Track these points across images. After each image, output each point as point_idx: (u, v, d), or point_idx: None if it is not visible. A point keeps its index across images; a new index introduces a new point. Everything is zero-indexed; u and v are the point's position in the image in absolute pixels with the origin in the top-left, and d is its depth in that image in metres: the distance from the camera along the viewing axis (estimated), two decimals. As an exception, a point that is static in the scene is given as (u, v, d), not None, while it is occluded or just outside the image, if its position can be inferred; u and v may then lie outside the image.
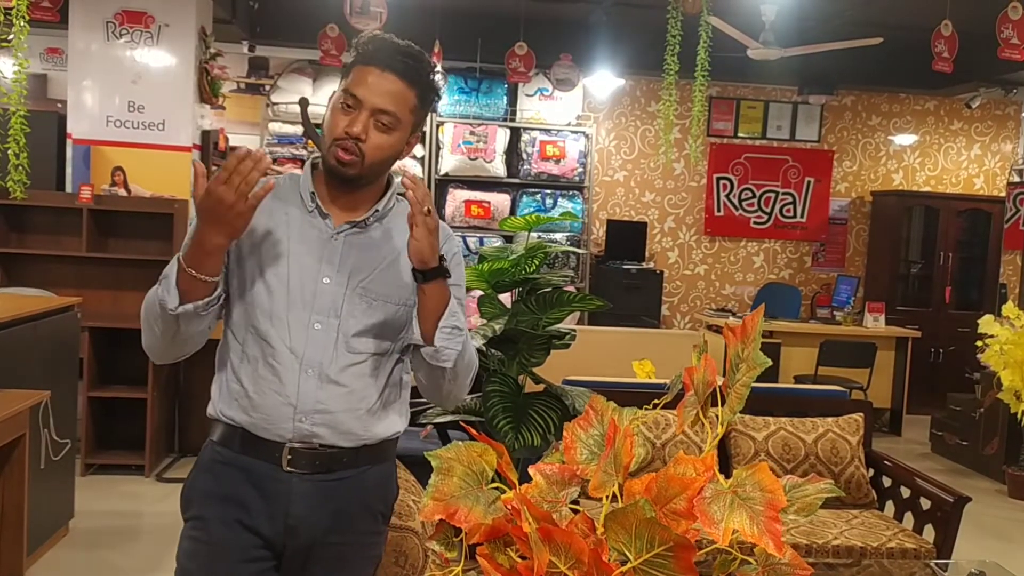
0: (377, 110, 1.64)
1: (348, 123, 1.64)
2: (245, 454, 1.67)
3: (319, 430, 1.65)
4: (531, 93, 7.56)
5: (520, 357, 2.91)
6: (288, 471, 1.65)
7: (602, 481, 0.97)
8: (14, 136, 3.41)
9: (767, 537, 0.87)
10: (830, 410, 3.78)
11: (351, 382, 1.67)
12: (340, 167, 1.65)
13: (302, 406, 1.64)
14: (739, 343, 0.95)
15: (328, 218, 1.70)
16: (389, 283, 1.70)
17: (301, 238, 1.68)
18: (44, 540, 3.72)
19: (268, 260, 1.67)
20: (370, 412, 1.69)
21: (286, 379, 1.64)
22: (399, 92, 1.66)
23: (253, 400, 1.65)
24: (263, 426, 1.65)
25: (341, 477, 1.68)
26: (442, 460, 0.95)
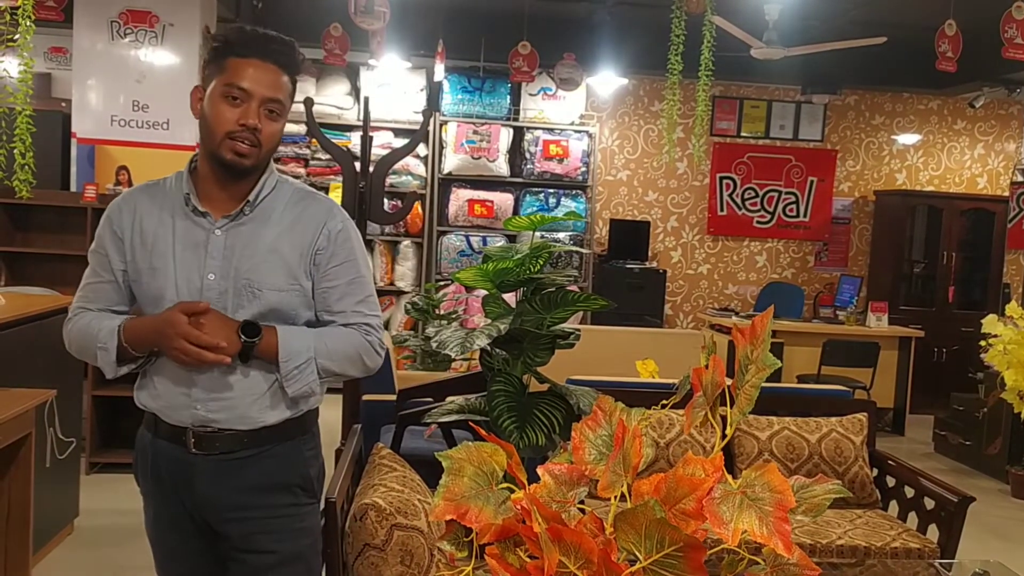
0: (267, 99, 1.69)
1: (241, 115, 1.68)
2: (159, 437, 1.81)
3: (216, 416, 1.75)
4: (534, 92, 7.57)
5: (524, 357, 2.91)
6: (194, 452, 1.77)
7: (611, 481, 0.98)
8: (20, 135, 3.42)
9: (776, 538, 0.88)
10: (834, 410, 3.77)
11: (244, 370, 1.75)
12: (239, 159, 1.69)
13: (196, 395, 1.75)
14: (748, 344, 0.96)
15: (207, 215, 1.76)
16: (272, 270, 1.75)
17: (183, 238, 1.76)
18: (49, 538, 3.73)
19: (157, 263, 1.75)
20: (265, 396, 1.77)
21: (181, 371, 1.74)
22: (280, 80, 1.72)
23: (157, 389, 1.79)
24: (166, 413, 1.78)
25: (244, 456, 1.78)
26: (453, 461, 0.95)
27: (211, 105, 1.71)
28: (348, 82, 7.34)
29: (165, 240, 1.76)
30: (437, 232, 7.47)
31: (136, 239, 1.78)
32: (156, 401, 1.80)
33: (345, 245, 1.82)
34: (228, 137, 1.68)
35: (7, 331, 3.31)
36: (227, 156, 1.70)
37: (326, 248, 1.80)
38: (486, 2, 6.78)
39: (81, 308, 1.85)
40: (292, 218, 1.79)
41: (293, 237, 1.78)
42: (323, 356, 1.78)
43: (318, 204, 1.85)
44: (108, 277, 1.82)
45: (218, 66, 1.71)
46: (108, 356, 1.76)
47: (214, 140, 1.70)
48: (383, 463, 2.35)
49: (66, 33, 5.94)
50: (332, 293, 1.82)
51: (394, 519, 2.01)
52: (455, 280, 3.11)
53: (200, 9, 5.61)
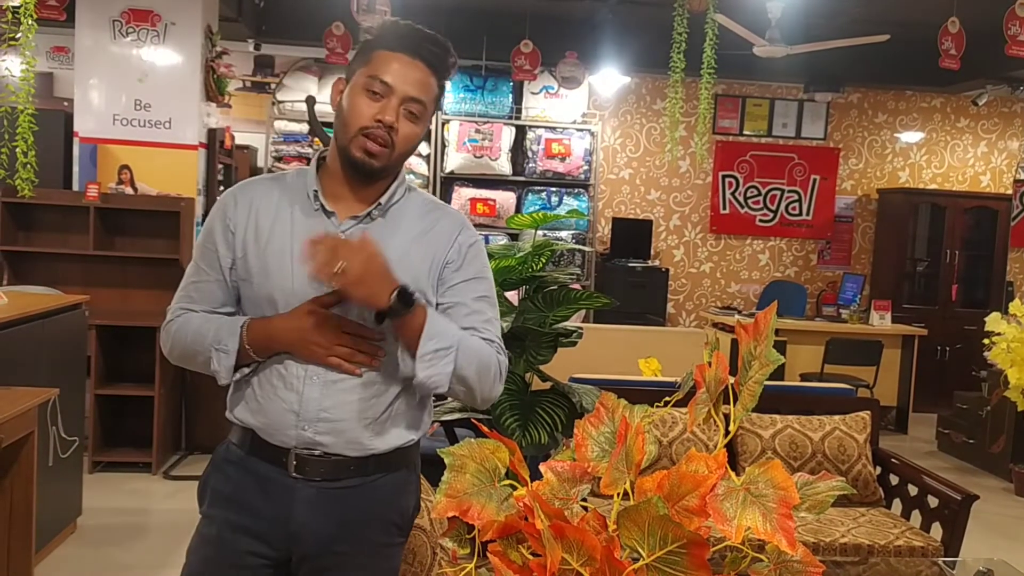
0: (408, 98, 1.56)
1: (379, 110, 1.55)
2: (254, 456, 1.63)
3: (323, 438, 1.58)
4: (537, 91, 7.56)
5: (527, 355, 2.92)
6: (295, 476, 1.60)
7: (614, 478, 0.97)
8: (22, 135, 3.42)
9: (780, 534, 0.87)
10: (837, 408, 3.77)
11: (358, 390, 1.59)
12: (368, 159, 1.57)
13: (305, 414, 1.58)
14: (751, 340, 0.95)
15: (333, 215, 1.62)
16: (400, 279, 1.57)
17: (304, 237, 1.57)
18: (52, 537, 3.73)
19: (273, 263, 1.60)
20: (378, 421, 1.61)
21: (290, 385, 1.58)
22: (427, 81, 1.59)
23: (260, 404, 1.61)
24: (267, 431, 1.61)
25: (348, 485, 1.62)
26: (455, 457, 0.95)
27: (350, 97, 1.58)
28: (350, 81, 7.34)
29: (283, 238, 1.61)
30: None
31: (250, 234, 1.62)
32: (257, 417, 1.62)
33: (476, 260, 1.68)
34: (361, 133, 1.55)
35: (10, 330, 3.32)
36: (356, 154, 1.56)
37: (455, 261, 1.65)
38: (488, 1, 6.78)
39: (184, 309, 1.67)
40: (422, 228, 1.65)
41: (423, 247, 1.63)
42: (464, 352, 1.57)
43: (450, 216, 1.71)
44: (215, 275, 1.65)
45: (364, 58, 1.59)
46: (227, 359, 1.59)
47: (347, 135, 1.57)
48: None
49: (68, 32, 5.95)
50: (459, 309, 1.64)
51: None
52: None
53: (202, 8, 5.61)
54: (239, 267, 1.63)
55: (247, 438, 1.64)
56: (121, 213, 5.24)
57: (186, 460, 5.17)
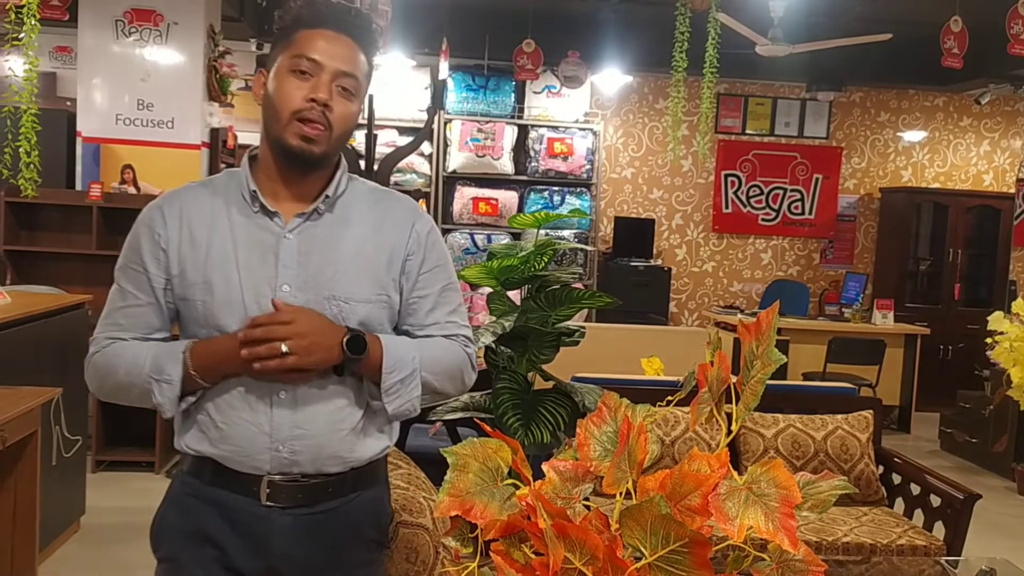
0: (340, 73, 1.45)
1: (310, 89, 1.43)
2: (218, 487, 1.48)
3: (300, 457, 1.46)
4: (539, 90, 7.56)
5: (529, 354, 2.92)
6: (268, 505, 1.47)
7: (616, 478, 0.97)
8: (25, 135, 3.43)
9: (782, 534, 0.88)
10: (839, 407, 3.77)
11: (331, 400, 1.48)
12: (307, 145, 1.44)
13: (277, 433, 1.45)
14: (754, 340, 0.96)
15: (276, 215, 1.48)
16: (357, 278, 1.50)
17: (248, 243, 1.47)
18: (56, 536, 3.74)
19: (216, 275, 1.46)
20: (355, 431, 1.51)
21: (257, 405, 1.45)
22: (356, 56, 1.48)
23: (223, 431, 1.46)
24: (235, 458, 1.46)
25: (327, 508, 1.51)
26: (458, 456, 0.95)
27: (276, 83, 1.45)
28: (352, 80, 7.34)
29: (224, 248, 1.46)
30: (442, 230, 7.46)
31: (185, 249, 1.47)
32: (221, 446, 1.47)
33: (435, 248, 1.59)
34: (295, 118, 1.42)
35: (13, 329, 3.32)
36: (293, 142, 1.43)
37: (416, 253, 1.56)
38: (490, 0, 6.78)
39: (111, 338, 1.50)
40: (375, 219, 1.54)
41: (379, 240, 1.53)
42: (427, 368, 1.52)
43: (402, 203, 1.60)
44: (146, 299, 1.49)
45: (285, 41, 1.47)
46: (171, 390, 1.44)
47: (279, 122, 1.44)
48: (388, 461, 2.35)
49: (71, 32, 5.95)
50: (423, 303, 1.57)
51: (399, 516, 2.01)
52: (460, 278, 3.11)
53: (204, 8, 5.62)
54: (177, 286, 1.49)
55: (206, 468, 1.49)
56: (124, 213, 5.24)
57: (189, 459, 5.17)
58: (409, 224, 1.56)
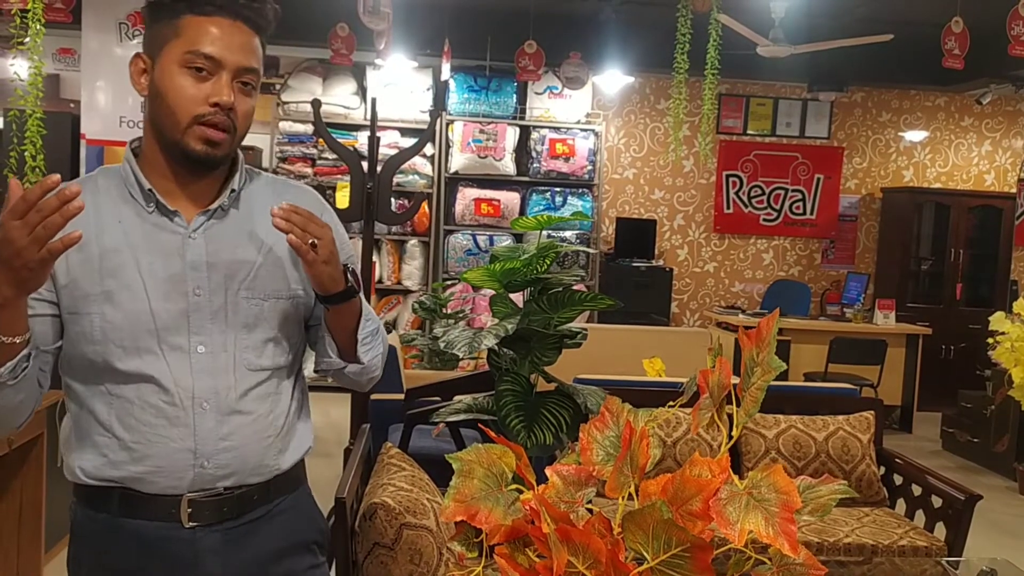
0: (241, 69, 1.32)
1: (212, 91, 1.30)
2: (129, 516, 1.35)
3: (225, 471, 1.36)
4: (541, 91, 7.58)
5: (532, 356, 2.93)
6: (191, 527, 1.35)
7: (618, 482, 0.99)
8: (30, 138, 3.45)
9: (782, 538, 0.89)
10: (840, 408, 3.78)
11: (256, 406, 1.39)
12: (211, 150, 1.32)
13: (203, 448, 1.34)
14: (754, 347, 0.97)
15: (176, 215, 1.36)
16: (272, 275, 1.41)
17: (148, 247, 1.34)
18: (61, 537, 3.75)
19: (114, 283, 1.32)
20: (280, 437, 1.42)
21: (177, 419, 1.33)
22: (253, 44, 1.35)
23: (135, 451, 1.33)
24: (151, 479, 1.33)
25: (254, 518, 1.41)
26: (463, 462, 0.97)
27: (167, 79, 1.31)
28: (355, 82, 7.36)
29: (119, 252, 1.33)
30: (444, 231, 7.49)
31: (73, 255, 1.27)
32: (130, 468, 1.33)
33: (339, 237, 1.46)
34: (197, 122, 1.30)
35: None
36: (196, 147, 1.31)
37: None
38: (492, 1, 6.79)
39: None
40: None
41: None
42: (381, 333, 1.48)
43: (305, 194, 1.51)
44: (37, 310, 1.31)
45: (171, 28, 1.31)
46: None
47: (177, 127, 1.30)
48: (392, 462, 2.36)
49: (74, 34, 5.97)
50: None
51: (403, 518, 2.03)
52: (463, 280, 3.13)
53: (207, 10, 5.64)
54: (66, 299, 1.32)
55: (111, 499, 1.35)
56: (127, 214, 5.27)
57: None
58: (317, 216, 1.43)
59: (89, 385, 1.36)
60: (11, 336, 1.21)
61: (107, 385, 1.34)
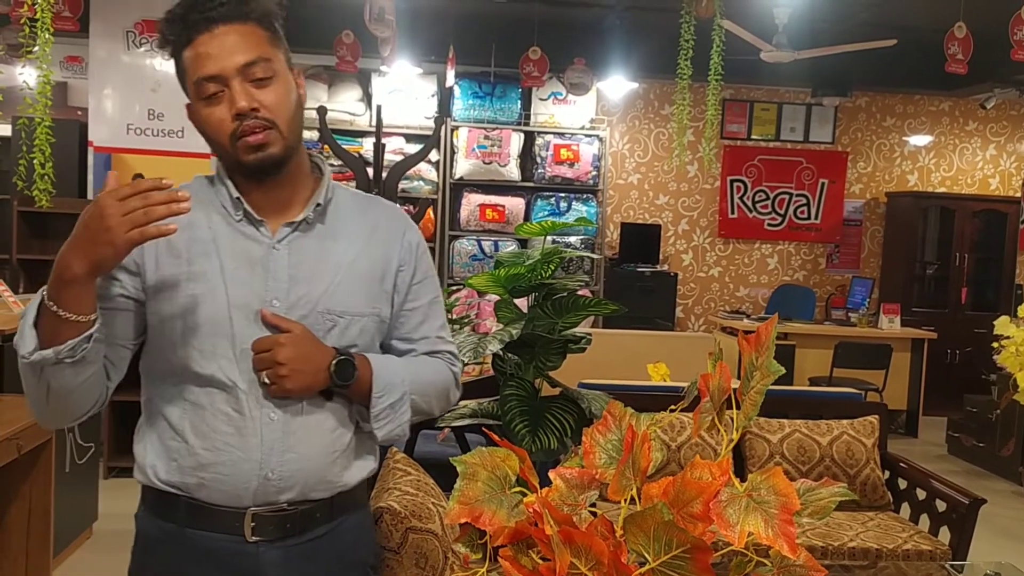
0: (241, 67, 1.32)
1: (229, 106, 1.32)
2: (194, 528, 1.37)
3: (289, 483, 1.37)
4: (545, 97, 7.59)
5: (536, 361, 2.94)
6: (254, 541, 1.36)
7: (621, 485, 1.00)
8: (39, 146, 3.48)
9: (782, 540, 0.90)
10: (845, 412, 3.79)
11: (324, 421, 1.39)
12: (260, 153, 1.33)
13: (267, 458, 1.35)
14: (753, 352, 0.99)
15: (262, 224, 1.38)
16: (352, 293, 1.41)
17: (234, 254, 1.36)
18: (69, 542, 3.78)
19: (198, 287, 1.35)
20: (346, 454, 1.42)
21: (245, 428, 1.34)
22: (246, 35, 1.33)
23: (202, 457, 1.35)
24: (219, 488, 1.35)
25: (316, 535, 1.42)
26: (467, 466, 0.98)
27: (197, 115, 1.36)
28: (360, 88, 7.39)
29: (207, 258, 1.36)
30: (449, 237, 7.50)
31: (164, 257, 1.35)
32: (200, 475, 1.35)
33: (424, 259, 1.51)
34: (234, 140, 1.33)
35: (27, 338, 3.36)
36: (248, 158, 1.34)
37: (407, 264, 1.48)
38: (496, 8, 6.82)
39: None
40: (365, 228, 1.46)
41: (371, 251, 1.45)
42: (416, 391, 1.45)
43: (390, 211, 1.52)
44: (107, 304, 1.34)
45: (181, 68, 1.36)
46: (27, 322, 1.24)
47: (225, 150, 1.36)
48: (397, 467, 2.38)
49: (82, 42, 6.01)
50: (413, 317, 1.50)
51: (409, 522, 2.04)
52: (468, 285, 3.15)
53: (214, 18, 5.68)
54: (151, 297, 1.36)
55: (178, 507, 1.38)
56: (134, 221, 5.30)
57: (199, 465, 5.21)
58: (400, 234, 1.48)
59: (165, 388, 1.39)
60: (76, 315, 1.22)
61: (183, 388, 1.37)
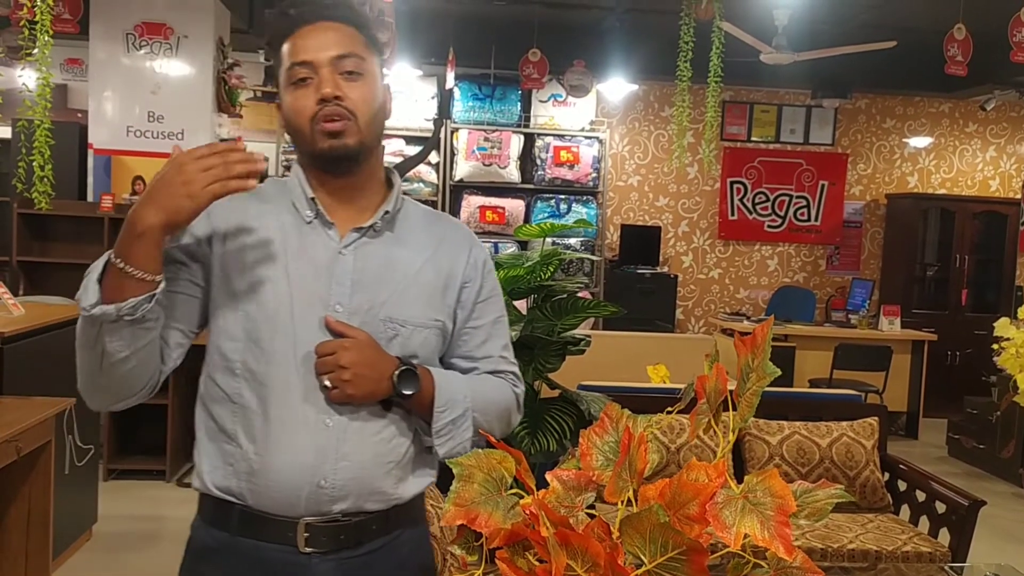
0: (335, 59, 1.34)
1: (315, 91, 1.33)
2: (247, 536, 1.34)
3: (342, 492, 1.33)
4: (545, 99, 7.60)
5: (536, 363, 2.95)
6: (307, 552, 1.33)
7: (617, 487, 1.00)
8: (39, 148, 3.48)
9: (778, 541, 0.90)
10: (845, 414, 3.79)
11: (380, 430, 1.36)
12: (337, 141, 1.33)
13: (320, 465, 1.32)
14: (749, 353, 0.99)
15: (332, 227, 1.38)
16: (416, 303, 1.39)
17: (301, 255, 1.36)
18: (68, 544, 3.78)
19: (263, 285, 1.34)
20: (401, 465, 1.38)
21: (300, 433, 1.32)
22: (344, 36, 1.36)
23: (254, 462, 1.32)
24: (271, 495, 1.32)
25: (372, 549, 1.37)
26: (463, 467, 0.98)
27: (284, 102, 1.37)
28: (360, 90, 7.39)
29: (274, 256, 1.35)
30: (449, 238, 7.51)
31: (232, 250, 1.35)
32: (254, 479, 1.32)
33: (490, 277, 1.49)
34: (314, 124, 1.33)
35: (27, 340, 3.37)
36: (323, 145, 1.33)
37: (473, 281, 1.46)
38: (496, 10, 6.82)
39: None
40: (432, 241, 1.44)
41: (436, 263, 1.43)
42: (479, 409, 1.41)
43: (457, 227, 1.52)
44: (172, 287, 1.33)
45: (278, 59, 1.39)
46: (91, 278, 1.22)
47: (304, 136, 1.35)
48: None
49: (82, 45, 6.02)
50: (476, 335, 1.47)
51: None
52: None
53: (214, 20, 5.68)
54: (215, 289, 1.36)
55: (233, 514, 1.35)
56: (134, 223, 5.30)
57: (199, 468, 5.22)
58: (466, 250, 1.47)
59: (221, 390, 1.36)
60: (143, 271, 1.21)
61: (239, 390, 1.34)
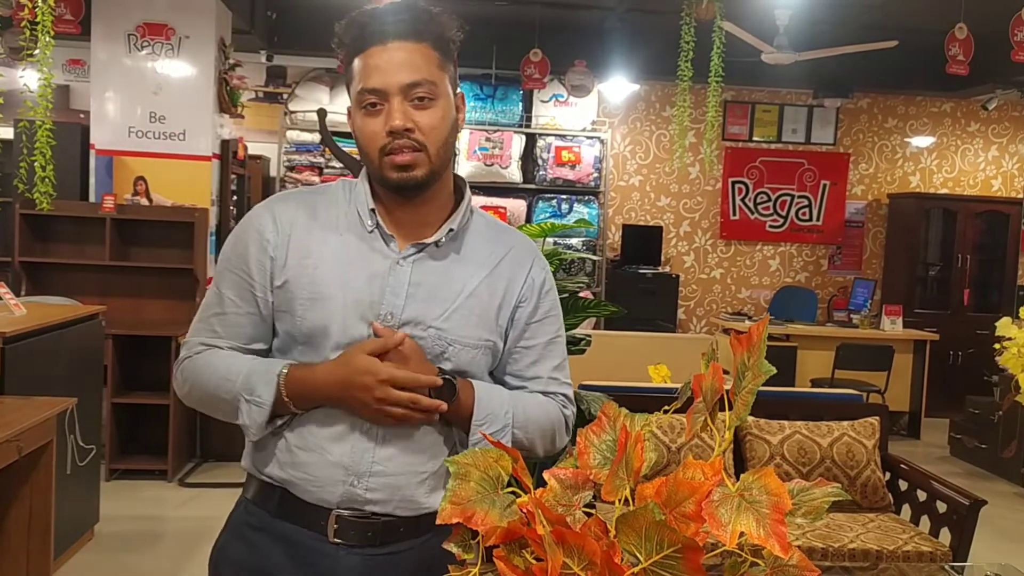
0: (405, 87, 1.34)
1: (384, 122, 1.34)
2: (283, 519, 1.38)
3: (373, 495, 1.35)
4: (546, 99, 7.61)
5: (536, 363, 2.95)
6: (335, 543, 1.36)
7: (614, 485, 1.00)
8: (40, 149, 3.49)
9: (773, 539, 0.90)
10: (846, 414, 3.79)
11: (418, 440, 1.37)
12: (405, 174, 1.35)
13: (355, 467, 1.34)
14: (745, 352, 0.99)
15: (392, 240, 1.39)
16: (467, 321, 1.39)
17: (358, 264, 1.37)
18: (70, 544, 3.78)
19: (317, 291, 1.36)
20: (435, 476, 1.39)
21: (337, 434, 1.35)
22: (416, 58, 1.35)
23: (296, 456, 1.36)
24: (307, 488, 1.36)
25: (398, 550, 1.39)
26: (459, 466, 0.98)
27: (355, 123, 1.38)
28: (361, 91, 7.40)
29: (333, 264, 1.37)
30: (450, 239, 7.51)
31: (293, 260, 1.38)
32: (292, 471, 1.37)
33: (548, 297, 1.48)
34: (383, 155, 1.35)
35: (29, 340, 3.38)
36: (393, 176, 1.35)
37: (528, 300, 1.45)
38: (497, 10, 6.83)
39: (205, 344, 1.41)
40: (492, 257, 1.44)
41: (493, 282, 1.42)
42: (520, 426, 1.41)
43: (520, 243, 1.50)
44: (247, 308, 1.39)
45: (349, 73, 1.39)
46: (260, 413, 1.34)
47: (373, 163, 1.37)
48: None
49: (84, 45, 6.03)
50: (527, 355, 1.46)
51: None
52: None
53: (215, 21, 5.69)
54: (279, 298, 1.39)
55: (274, 497, 1.39)
56: (136, 224, 5.31)
57: (201, 467, 5.22)
58: (526, 268, 1.46)
59: None
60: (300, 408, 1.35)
61: None
